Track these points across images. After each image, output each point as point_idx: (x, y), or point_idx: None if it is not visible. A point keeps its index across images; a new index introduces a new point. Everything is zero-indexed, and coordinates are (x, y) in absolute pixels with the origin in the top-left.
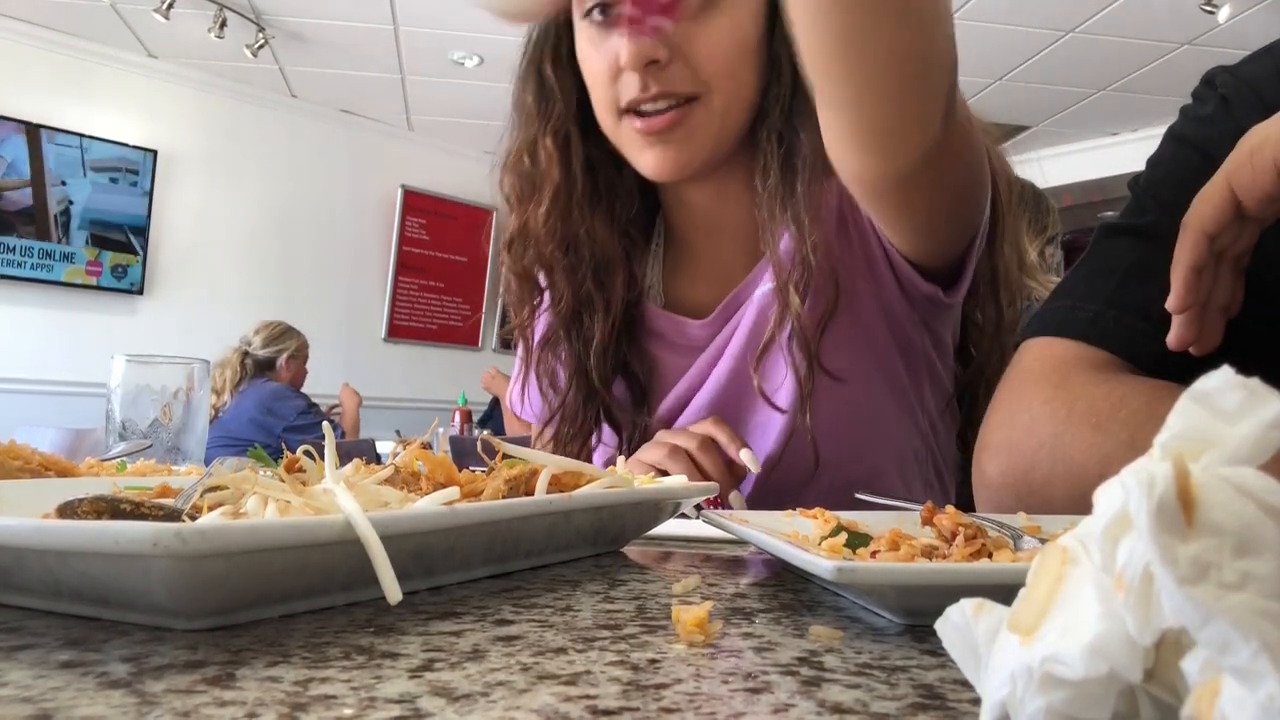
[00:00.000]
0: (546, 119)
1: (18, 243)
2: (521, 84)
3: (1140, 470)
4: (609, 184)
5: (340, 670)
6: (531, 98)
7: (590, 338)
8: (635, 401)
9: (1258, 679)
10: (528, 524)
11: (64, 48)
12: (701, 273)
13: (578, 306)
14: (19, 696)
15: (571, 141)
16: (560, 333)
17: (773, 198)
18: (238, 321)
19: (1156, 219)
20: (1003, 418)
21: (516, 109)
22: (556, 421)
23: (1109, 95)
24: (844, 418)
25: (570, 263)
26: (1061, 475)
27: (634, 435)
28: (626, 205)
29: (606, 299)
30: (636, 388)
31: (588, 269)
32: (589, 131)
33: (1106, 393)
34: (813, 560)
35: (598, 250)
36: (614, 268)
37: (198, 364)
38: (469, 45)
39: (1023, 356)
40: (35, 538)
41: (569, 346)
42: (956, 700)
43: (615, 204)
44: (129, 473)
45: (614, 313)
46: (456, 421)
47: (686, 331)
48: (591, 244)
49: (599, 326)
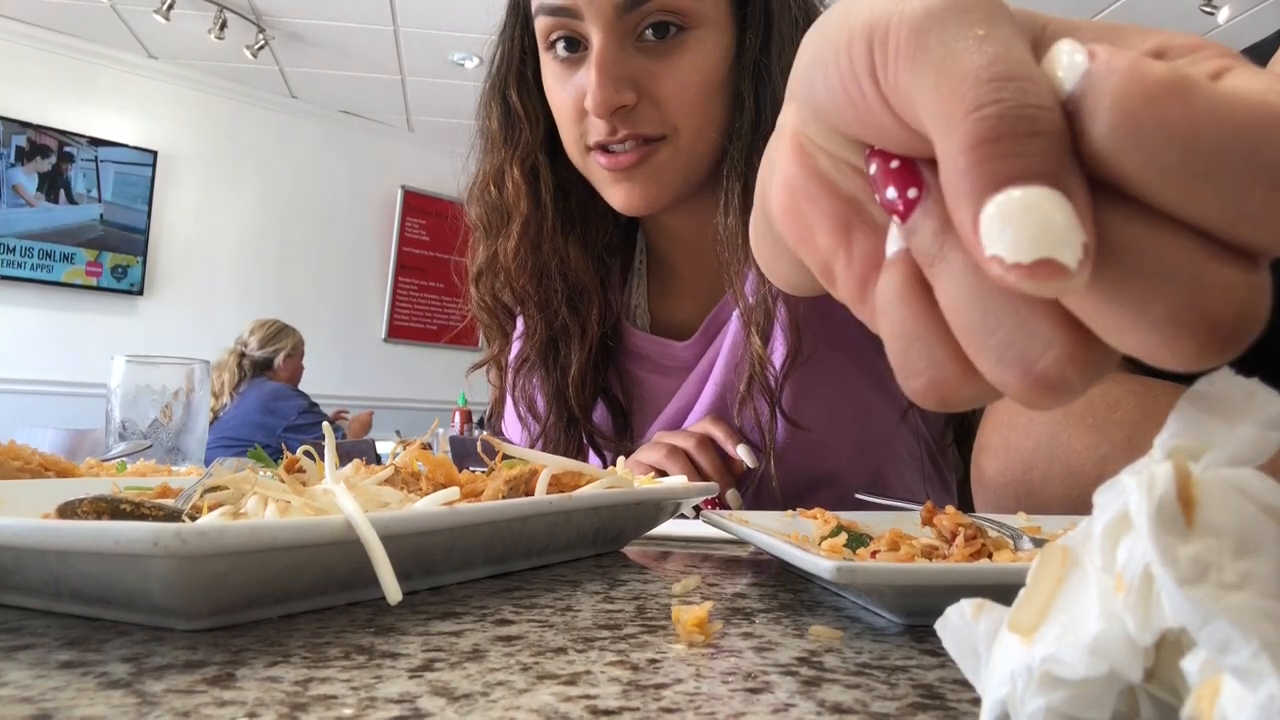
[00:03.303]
0: (514, 147)
1: (18, 243)
2: (486, 109)
3: (1140, 470)
4: (582, 208)
5: (340, 670)
6: (497, 125)
7: (567, 366)
8: (618, 426)
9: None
10: (528, 524)
11: (63, 48)
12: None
13: (552, 335)
14: (19, 696)
15: (540, 171)
16: (536, 361)
17: (733, 237)
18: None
19: None
20: (1000, 418)
21: (481, 135)
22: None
23: None
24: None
25: (543, 294)
26: (1059, 475)
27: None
28: (601, 229)
29: (582, 326)
30: (618, 411)
31: (562, 299)
32: (559, 156)
33: (1103, 392)
34: (813, 560)
35: (571, 278)
36: (589, 295)
37: (198, 364)
38: (469, 45)
39: None
40: (35, 538)
41: (545, 374)
42: (956, 700)
43: (589, 228)
44: (129, 473)
45: (590, 339)
46: (456, 422)
47: (671, 353)
48: (565, 273)
49: (576, 355)
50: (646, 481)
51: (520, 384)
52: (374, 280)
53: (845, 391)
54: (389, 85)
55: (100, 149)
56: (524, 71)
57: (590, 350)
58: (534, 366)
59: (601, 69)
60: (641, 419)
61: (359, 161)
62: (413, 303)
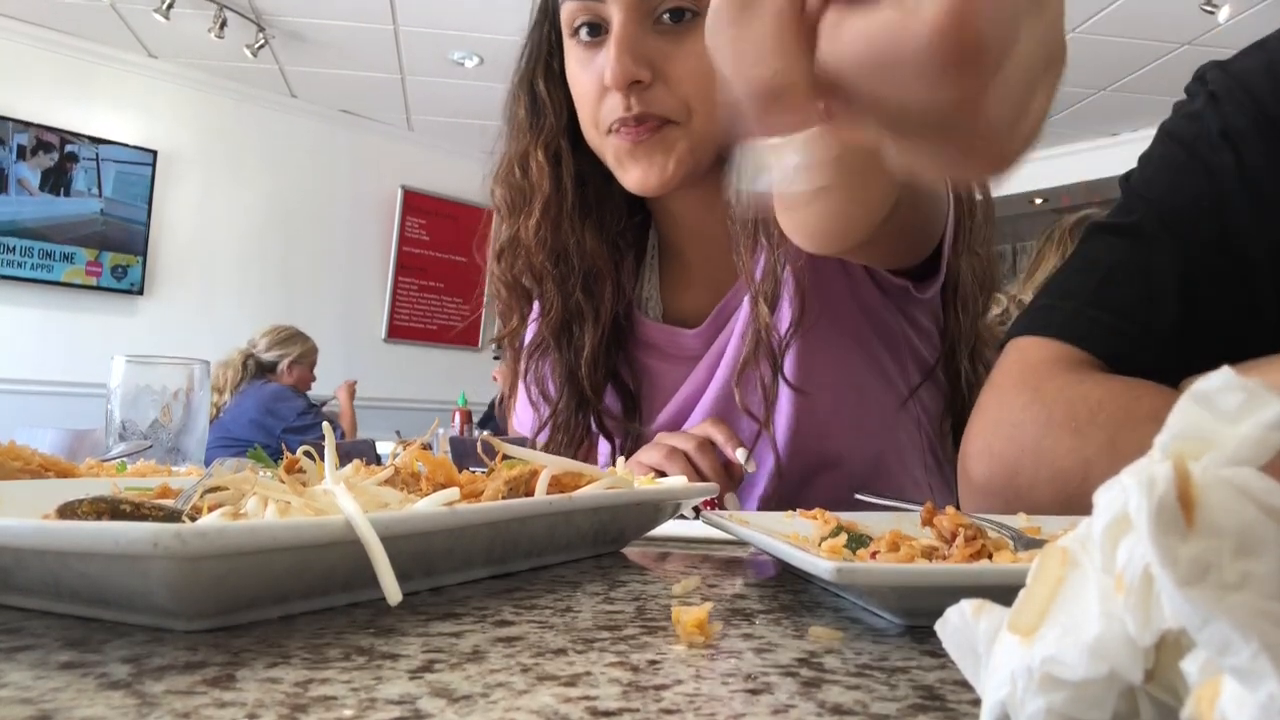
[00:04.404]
0: (538, 132)
1: (18, 243)
2: (514, 98)
3: (1140, 471)
4: (599, 196)
5: (340, 671)
6: (524, 111)
7: (581, 347)
8: (626, 410)
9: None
10: (527, 525)
11: (64, 48)
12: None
13: (567, 316)
14: (19, 697)
15: (562, 155)
16: (550, 341)
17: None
18: (238, 321)
19: (1141, 218)
20: (985, 423)
21: (508, 121)
22: (549, 430)
23: (1109, 95)
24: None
25: (560, 273)
26: (1046, 479)
27: (626, 444)
28: (616, 217)
29: (596, 308)
30: (628, 397)
31: (578, 279)
32: (579, 145)
33: (1084, 394)
34: (812, 561)
35: (587, 261)
36: (603, 278)
37: (198, 365)
38: (469, 45)
39: (1006, 357)
40: (35, 538)
41: (559, 355)
42: (956, 701)
43: (605, 216)
44: (129, 473)
45: (603, 322)
46: (456, 422)
47: (680, 341)
48: (581, 255)
49: (589, 336)
50: (646, 482)
51: (533, 368)
52: (374, 280)
53: (846, 371)
54: (389, 85)
55: (100, 147)
56: (550, 64)
57: (603, 333)
58: (548, 349)
59: (619, 43)
60: (650, 406)
61: (359, 161)
62: (413, 302)
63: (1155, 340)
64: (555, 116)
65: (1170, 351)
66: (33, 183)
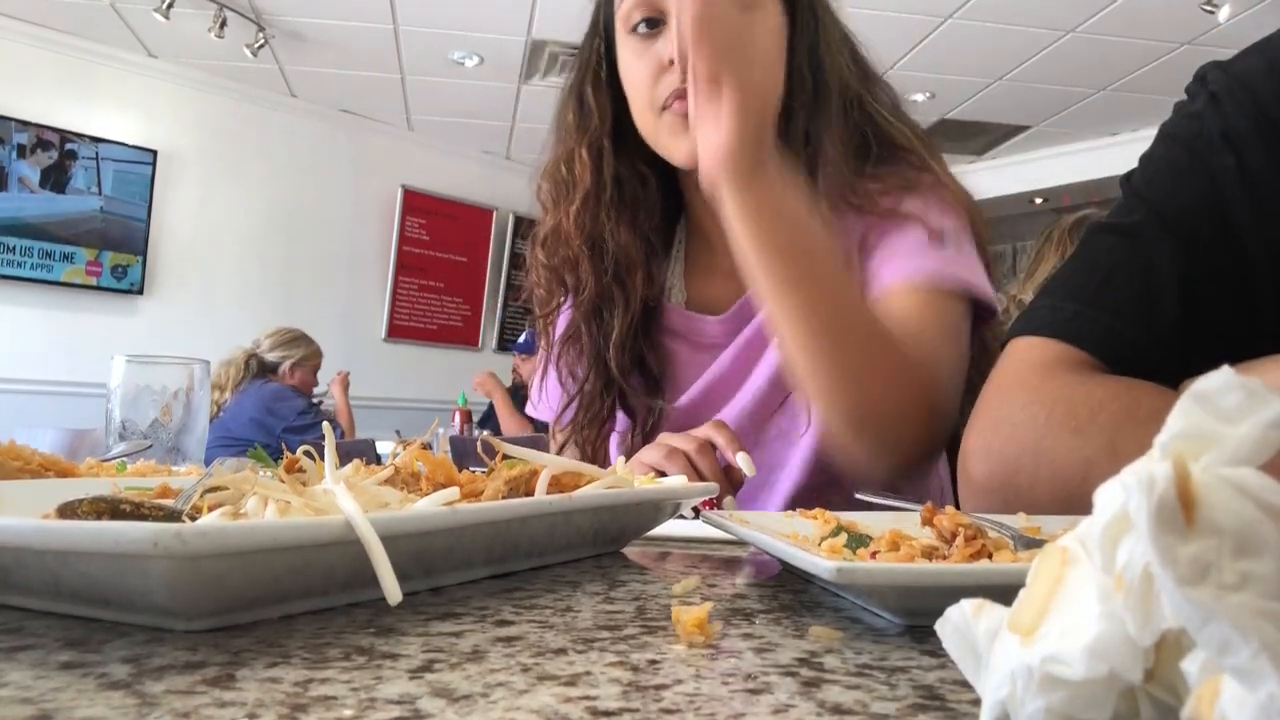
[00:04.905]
0: (584, 133)
1: (18, 242)
2: (564, 105)
3: (1140, 470)
4: (634, 197)
5: (340, 671)
6: (572, 116)
7: (610, 331)
8: (649, 390)
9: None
10: (527, 525)
11: (64, 48)
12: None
13: (599, 301)
14: (19, 697)
15: (604, 154)
16: (581, 326)
17: None
18: (238, 321)
19: (1142, 218)
20: (986, 423)
21: (557, 127)
22: (574, 408)
23: (1109, 95)
24: None
25: (595, 259)
26: (1045, 479)
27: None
28: (649, 215)
29: (626, 296)
30: (651, 380)
31: (610, 266)
32: (620, 149)
33: (1085, 395)
34: (813, 561)
35: (620, 252)
36: (635, 268)
37: (198, 364)
38: (469, 45)
39: (1006, 357)
40: (35, 538)
41: (589, 339)
42: (956, 701)
43: (639, 214)
44: (129, 473)
45: (633, 309)
46: (456, 422)
47: (704, 328)
48: (615, 245)
49: (618, 321)
50: (646, 482)
51: (566, 352)
52: (374, 279)
53: None
54: (389, 84)
55: (100, 146)
56: (599, 73)
57: (633, 319)
58: (579, 335)
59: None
60: (673, 389)
61: (359, 161)
62: (413, 302)
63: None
64: (600, 120)
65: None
66: (33, 180)
